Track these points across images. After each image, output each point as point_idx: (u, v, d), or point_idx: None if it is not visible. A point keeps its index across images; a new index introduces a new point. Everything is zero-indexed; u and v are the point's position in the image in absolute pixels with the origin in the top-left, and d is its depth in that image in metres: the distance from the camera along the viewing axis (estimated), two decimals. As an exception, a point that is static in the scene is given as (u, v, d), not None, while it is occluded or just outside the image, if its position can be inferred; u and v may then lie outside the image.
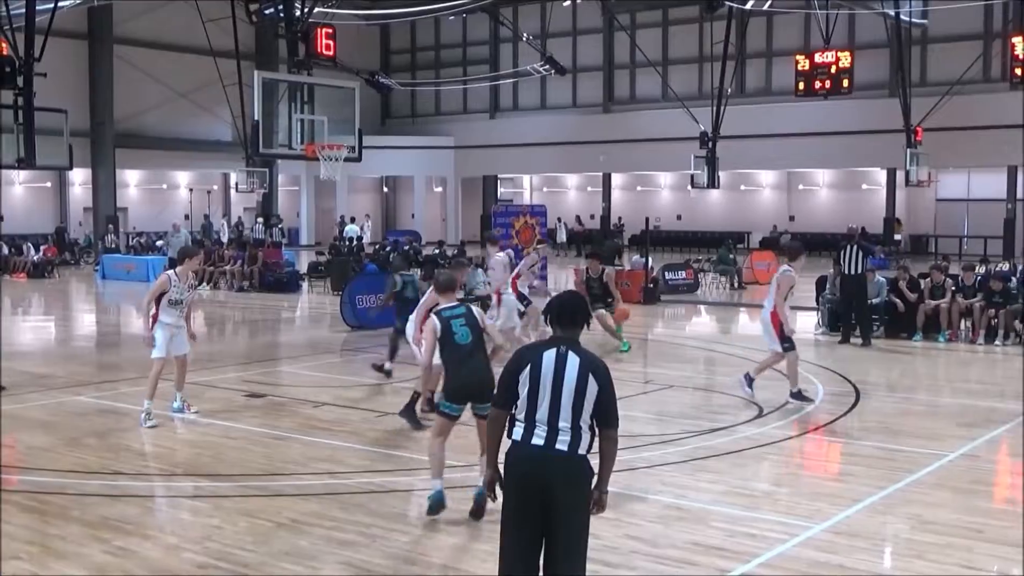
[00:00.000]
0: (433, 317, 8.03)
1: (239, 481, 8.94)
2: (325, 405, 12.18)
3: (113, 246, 38.35)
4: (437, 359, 8.13)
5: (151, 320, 11.18)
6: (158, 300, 11.07)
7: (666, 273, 26.71)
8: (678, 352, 17.07)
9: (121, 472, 9.06)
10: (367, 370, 14.10)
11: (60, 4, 22.60)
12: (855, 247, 17.57)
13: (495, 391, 5.31)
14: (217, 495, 8.36)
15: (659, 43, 47.22)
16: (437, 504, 7.63)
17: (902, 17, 32.86)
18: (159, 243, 39.13)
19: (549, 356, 5.09)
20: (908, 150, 32.28)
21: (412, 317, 11.31)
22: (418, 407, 10.56)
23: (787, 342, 12.06)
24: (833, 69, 29.51)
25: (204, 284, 28.60)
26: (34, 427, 10.98)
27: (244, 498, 8.36)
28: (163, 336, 11.17)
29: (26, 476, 8.98)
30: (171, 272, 11.38)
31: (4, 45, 20.51)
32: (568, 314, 5.27)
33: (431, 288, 9.86)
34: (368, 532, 7.38)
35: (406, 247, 34.47)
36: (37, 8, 21.00)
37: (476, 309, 8.31)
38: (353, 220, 45.53)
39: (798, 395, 11.96)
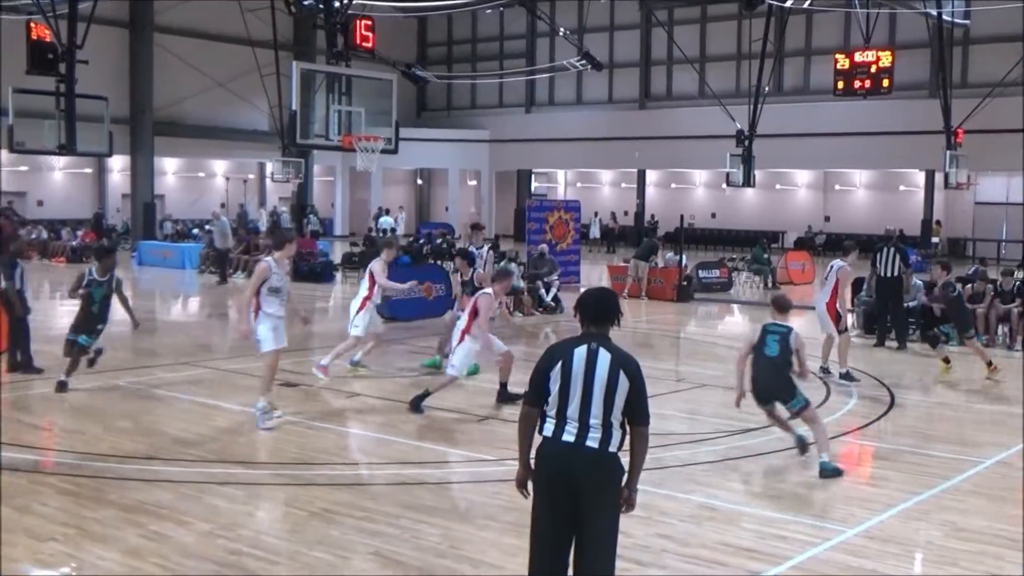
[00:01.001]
0: None
1: (272, 469, 9.02)
2: (358, 396, 12.24)
3: (172, 232, 38.72)
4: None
5: (253, 312, 10.55)
6: (257, 291, 10.54)
7: (700, 271, 26.61)
8: (711, 351, 17.00)
9: (156, 457, 9.15)
10: (400, 361, 14.14)
11: (103, -8, 22.78)
12: (891, 249, 17.42)
13: (527, 388, 5.31)
14: (251, 482, 8.43)
15: (696, 40, 46.98)
16: None
17: (944, 17, 32.50)
18: (195, 231, 39.46)
19: (580, 352, 5.09)
20: (947, 152, 31.90)
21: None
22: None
23: (841, 327, 13.41)
24: (873, 68, 29.22)
25: (239, 272, 28.80)
26: (72, 410, 11.11)
27: (277, 486, 8.43)
28: (269, 326, 10.55)
29: (63, 459, 9.09)
30: (269, 259, 10.71)
31: (47, 32, 20.75)
32: (599, 310, 5.27)
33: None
34: (398, 524, 7.41)
35: (439, 240, 34.53)
36: (80, -4, 21.21)
37: None
38: (388, 212, 45.67)
39: (847, 375, 12.85)
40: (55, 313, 20.41)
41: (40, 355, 13.36)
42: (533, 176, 55.04)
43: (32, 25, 22.28)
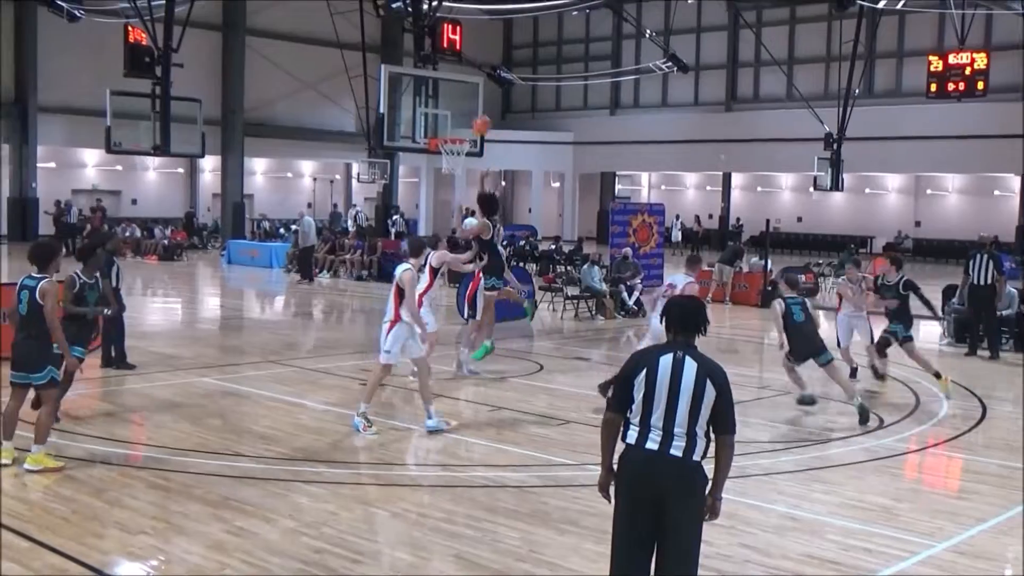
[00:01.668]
0: None
1: (355, 469, 9.13)
2: (439, 397, 12.31)
3: (262, 231, 39.48)
4: None
5: (391, 322, 10.31)
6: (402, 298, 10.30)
7: (801, 275, 26.20)
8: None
9: (242, 454, 9.33)
10: (483, 362, 14.18)
11: (197, -4, 23.30)
12: (985, 256, 16.99)
13: (610, 394, 5.30)
14: (334, 481, 8.54)
15: (785, 41, 46.35)
16: None
17: (1043, 18, 31.58)
18: (281, 231, 40.14)
19: (666, 360, 5.07)
20: (1044, 156, 31.05)
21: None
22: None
23: None
24: (967, 70, 28.52)
25: (325, 272, 29.23)
26: (161, 406, 11.38)
27: (360, 486, 8.52)
28: (402, 337, 10.33)
29: (152, 453, 9.31)
30: (411, 266, 10.53)
31: (144, 36, 21.28)
32: (686, 319, 5.24)
33: None
34: (479, 526, 7.45)
35: (522, 242, 34.59)
36: (176, 0, 21.69)
37: None
38: (473, 213, 45.86)
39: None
40: (147, 310, 20.95)
41: (133, 351, 13.71)
42: (617, 178, 54.85)
43: (130, 28, 22.87)
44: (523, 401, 12.07)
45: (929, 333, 20.53)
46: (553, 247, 32.59)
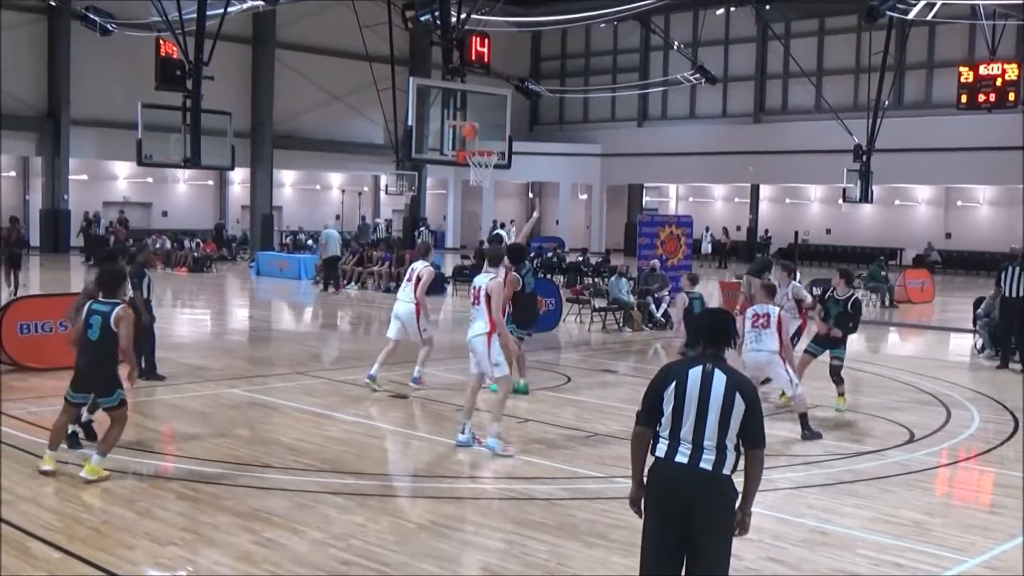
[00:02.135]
0: None
1: (382, 480, 9.15)
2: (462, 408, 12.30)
3: (311, 246, 39.75)
4: None
5: (487, 336, 10.19)
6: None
7: (814, 288, 26.02)
8: (823, 370, 16.59)
9: (271, 465, 9.36)
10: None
11: (228, 10, 23.47)
12: (1018, 268, 16.82)
13: (640, 407, 5.28)
14: (361, 493, 8.56)
15: (814, 52, 46.20)
16: None
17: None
18: (310, 242, 40.33)
19: (695, 373, 5.06)
20: (1077, 167, 30.76)
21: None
22: None
23: None
24: (998, 81, 28.30)
25: (352, 284, 29.33)
26: (190, 417, 11.44)
27: (387, 498, 8.54)
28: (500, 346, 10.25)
29: (182, 464, 9.36)
30: (496, 276, 10.41)
31: (175, 49, 21.46)
32: (714, 331, 5.24)
33: None
34: (507, 538, 7.43)
35: (549, 254, 34.59)
36: (207, 13, 21.87)
37: None
38: (503, 225, 46.02)
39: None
40: (177, 321, 21.09)
41: (162, 362, 13.79)
42: (644, 190, 54.79)
43: (161, 42, 23.09)
44: (550, 413, 12.06)
45: (960, 346, 20.41)
46: (580, 259, 32.57)
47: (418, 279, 13.40)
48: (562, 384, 14.34)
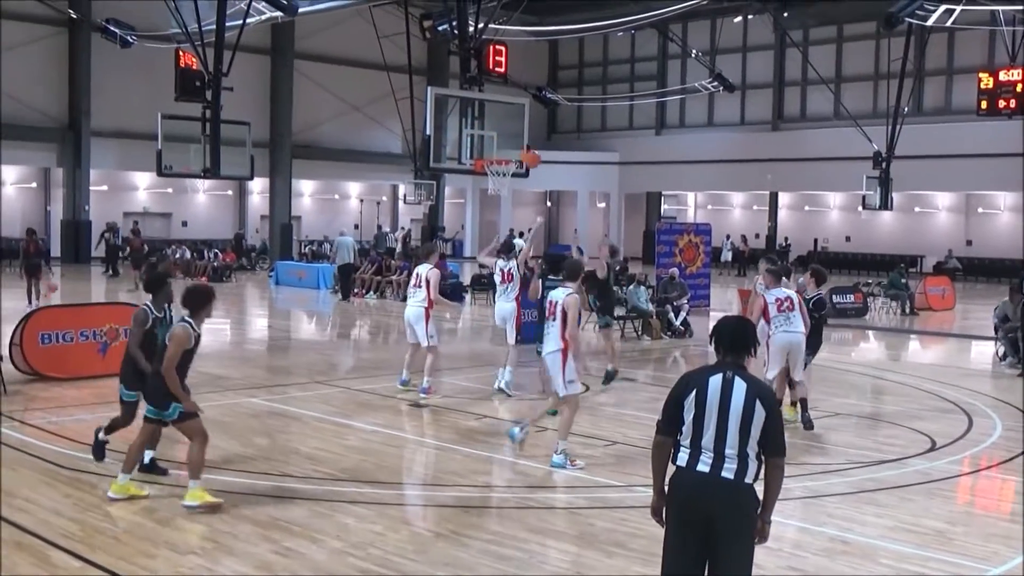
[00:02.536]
0: None
1: (401, 489, 9.15)
2: (485, 418, 12.32)
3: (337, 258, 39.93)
4: None
5: (562, 352, 9.97)
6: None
7: (834, 296, 25.97)
8: (844, 379, 16.54)
9: (290, 475, 9.37)
10: (529, 383, 14.19)
11: (248, 21, 23.59)
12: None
13: (660, 416, 5.26)
14: (380, 502, 8.56)
15: (832, 60, 46.08)
16: None
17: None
18: (326, 248, 40.46)
19: (715, 381, 5.04)
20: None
21: None
22: None
23: None
24: (1019, 87, 28.14)
25: (372, 293, 29.38)
26: (210, 427, 11.37)
27: (406, 506, 8.54)
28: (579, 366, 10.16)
29: (203, 474, 9.37)
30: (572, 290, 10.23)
31: (195, 60, 21.58)
32: (735, 339, 5.21)
33: None
34: (525, 548, 7.42)
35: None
36: (226, 25, 21.98)
37: None
38: (521, 235, 46.01)
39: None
40: (197, 330, 21.13)
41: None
42: (663, 198, 54.71)
43: (181, 53, 23.23)
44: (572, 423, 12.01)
45: (981, 354, 20.29)
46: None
47: (427, 282, 13.54)
48: (580, 392, 14.30)
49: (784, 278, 13.83)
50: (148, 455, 9.04)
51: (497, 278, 14.40)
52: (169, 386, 8.29)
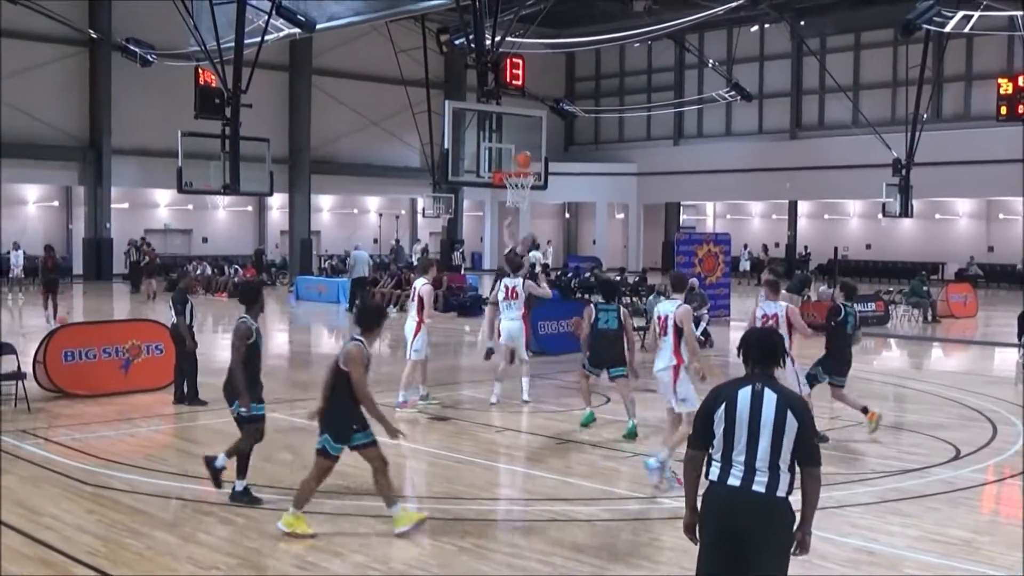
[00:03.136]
0: None
1: (423, 503, 9.14)
2: (506, 430, 12.31)
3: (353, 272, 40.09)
4: None
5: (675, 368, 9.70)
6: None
7: (855, 304, 25.83)
8: (866, 387, 16.43)
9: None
10: (548, 395, 14.18)
11: (266, 38, 23.73)
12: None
13: (691, 431, 5.25)
14: (402, 516, 8.54)
15: (850, 67, 45.94)
16: None
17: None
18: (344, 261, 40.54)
19: (744, 394, 5.01)
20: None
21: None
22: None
23: None
24: (1039, 93, 28.06)
25: (392, 306, 29.43)
26: (232, 441, 11.48)
27: (428, 520, 8.53)
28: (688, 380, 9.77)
29: (225, 489, 9.40)
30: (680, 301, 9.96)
31: (214, 78, 21.72)
32: (764, 351, 5.18)
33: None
34: (548, 561, 7.40)
35: (586, 274, 34.53)
36: (245, 42, 22.13)
37: None
38: (537, 247, 46.03)
39: None
40: (218, 346, 21.22)
41: (204, 387, 13.88)
42: (681, 208, 54.62)
43: (200, 71, 23.40)
44: (590, 433, 12.00)
45: (1005, 361, 20.15)
46: (618, 278, 32.47)
47: (419, 298, 13.71)
48: (602, 404, 14.27)
49: (805, 289, 13.75)
50: (240, 484, 8.78)
51: (501, 295, 14.05)
52: (369, 411, 7.93)
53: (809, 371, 12.19)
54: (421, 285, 13.84)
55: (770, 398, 4.96)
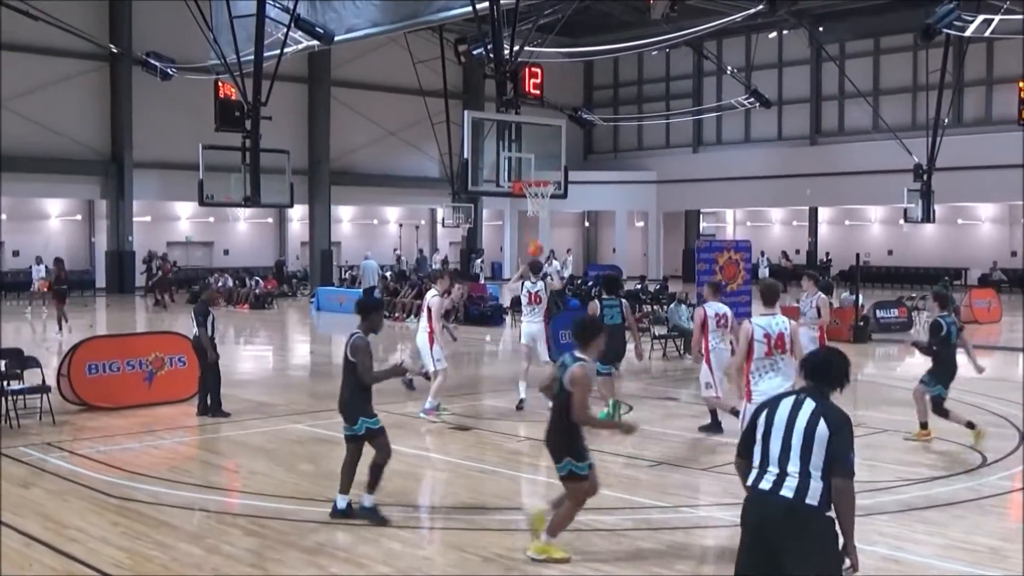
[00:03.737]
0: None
1: (447, 514, 9.14)
2: (528, 440, 12.29)
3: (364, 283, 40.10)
4: None
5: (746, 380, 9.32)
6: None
7: (877, 311, 25.73)
8: (891, 395, 16.34)
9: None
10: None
11: (285, 51, 23.83)
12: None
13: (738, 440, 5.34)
14: (426, 526, 8.56)
15: (869, 72, 45.77)
16: None
17: None
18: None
19: (787, 402, 5.13)
20: None
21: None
22: None
23: None
24: (1061, 96, 27.90)
25: (412, 316, 29.46)
26: (255, 453, 11.54)
27: (452, 531, 8.53)
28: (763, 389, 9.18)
29: (248, 500, 9.44)
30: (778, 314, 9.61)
31: (234, 91, 21.81)
32: (824, 371, 5.23)
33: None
34: (573, 571, 7.38)
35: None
36: (264, 55, 22.22)
37: None
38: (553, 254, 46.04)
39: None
40: (240, 358, 21.32)
41: (227, 399, 13.94)
42: (701, 216, 54.51)
43: (220, 84, 23.49)
44: (612, 441, 11.96)
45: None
46: (639, 286, 32.44)
47: (428, 309, 13.86)
48: (623, 412, 14.24)
49: (824, 294, 13.76)
50: (343, 500, 8.64)
51: (524, 299, 14.75)
52: (592, 424, 7.88)
53: (932, 393, 12.14)
54: (431, 296, 14.02)
55: (808, 406, 5.04)
